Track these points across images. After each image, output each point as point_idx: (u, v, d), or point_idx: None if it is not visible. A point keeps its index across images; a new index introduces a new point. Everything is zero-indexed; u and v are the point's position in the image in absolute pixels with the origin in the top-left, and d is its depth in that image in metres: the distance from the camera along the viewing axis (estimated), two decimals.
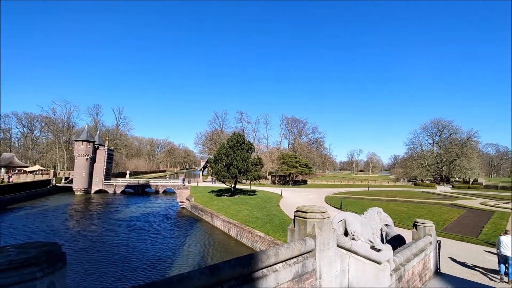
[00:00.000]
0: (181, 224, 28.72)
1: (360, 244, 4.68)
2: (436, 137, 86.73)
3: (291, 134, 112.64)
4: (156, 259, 18.56)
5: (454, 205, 33.73)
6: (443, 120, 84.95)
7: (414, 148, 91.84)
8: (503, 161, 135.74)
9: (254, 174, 36.45)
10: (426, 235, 8.39)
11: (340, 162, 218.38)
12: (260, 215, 25.22)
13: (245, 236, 21.57)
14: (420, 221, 8.62)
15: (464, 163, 75.42)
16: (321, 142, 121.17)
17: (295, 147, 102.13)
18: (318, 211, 3.72)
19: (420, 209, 29.78)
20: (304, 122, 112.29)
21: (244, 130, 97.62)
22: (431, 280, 7.82)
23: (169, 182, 58.75)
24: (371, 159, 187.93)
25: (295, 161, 64.38)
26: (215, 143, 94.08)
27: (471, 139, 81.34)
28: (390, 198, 40.96)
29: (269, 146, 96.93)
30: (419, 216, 24.85)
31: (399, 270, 5.99)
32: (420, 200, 39.20)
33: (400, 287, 5.97)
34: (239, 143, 37.52)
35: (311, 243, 3.48)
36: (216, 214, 27.50)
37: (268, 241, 18.65)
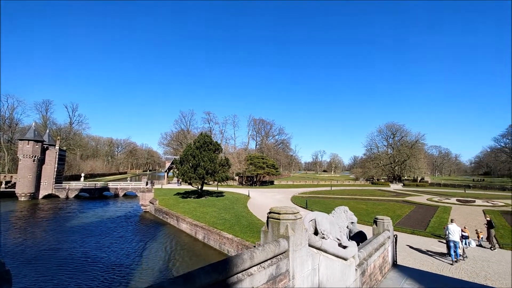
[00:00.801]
0: (144, 229, 27.19)
1: (329, 242, 4.83)
2: (390, 139, 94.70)
3: (258, 135, 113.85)
4: (117, 265, 17.31)
5: (405, 202, 37.06)
6: (395, 124, 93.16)
7: (372, 149, 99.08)
8: (444, 161, 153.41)
9: (221, 175, 36.03)
10: (385, 230, 9.02)
11: (305, 163, 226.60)
12: (228, 217, 24.96)
13: (213, 238, 21.15)
14: (379, 217, 9.24)
15: (413, 163, 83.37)
16: (288, 144, 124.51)
17: (262, 148, 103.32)
18: (291, 212, 3.74)
19: (377, 206, 32.13)
20: (271, 123, 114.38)
21: (211, 131, 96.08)
22: (390, 272, 8.42)
23: (130, 185, 55.26)
24: (333, 160, 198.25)
25: (262, 162, 65.18)
26: (181, 144, 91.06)
27: (419, 142, 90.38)
28: (351, 196, 43.56)
29: (236, 147, 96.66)
30: (377, 212, 26.77)
31: (363, 265, 6.33)
32: (377, 197, 42.33)
33: (363, 281, 6.32)
34: (207, 144, 36.79)
35: (284, 244, 3.49)
36: (182, 217, 26.56)
37: (237, 243, 18.52)
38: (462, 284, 8.40)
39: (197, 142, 37.18)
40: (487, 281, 11.17)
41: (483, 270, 12.48)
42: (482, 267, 12.94)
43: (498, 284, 10.92)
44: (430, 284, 7.54)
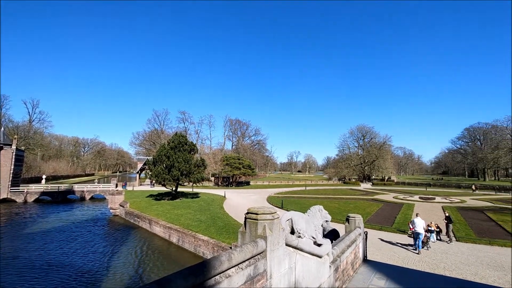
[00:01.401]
0: (114, 233, 25.80)
1: (305, 241, 4.95)
2: (361, 141, 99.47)
3: (234, 136, 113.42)
4: (84, 272, 16.25)
5: (374, 200, 39.12)
6: (366, 126, 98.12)
7: (344, 150, 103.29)
8: (408, 162, 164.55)
9: (197, 176, 35.33)
10: (356, 227, 9.44)
11: (281, 163, 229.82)
12: (204, 218, 24.55)
13: (188, 241, 20.66)
14: (351, 215, 9.65)
15: (381, 164, 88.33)
16: (264, 144, 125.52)
17: (238, 149, 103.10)
18: (268, 212, 3.77)
19: (349, 205, 33.54)
20: (248, 124, 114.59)
21: (186, 131, 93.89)
22: (361, 267, 8.82)
23: (98, 187, 52.12)
24: (308, 160, 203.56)
25: (238, 162, 65.05)
26: (154, 144, 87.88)
27: (386, 143, 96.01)
28: (324, 196, 45.01)
29: (212, 148, 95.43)
30: (348, 211, 27.95)
31: (336, 262, 6.57)
32: (348, 196, 44.18)
33: (337, 277, 6.55)
34: (181, 144, 35.87)
35: (262, 244, 3.51)
36: (155, 220, 25.62)
37: (212, 245, 18.26)
38: (424, 275, 9.05)
39: (171, 142, 36.09)
40: (446, 271, 12.15)
41: (442, 262, 13.57)
42: (441, 259, 14.05)
43: (455, 273, 11.92)
44: (397, 277, 8.02)
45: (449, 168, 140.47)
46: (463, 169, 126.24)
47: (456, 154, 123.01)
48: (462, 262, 13.52)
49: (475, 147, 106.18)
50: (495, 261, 13.61)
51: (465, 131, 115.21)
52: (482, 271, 12.30)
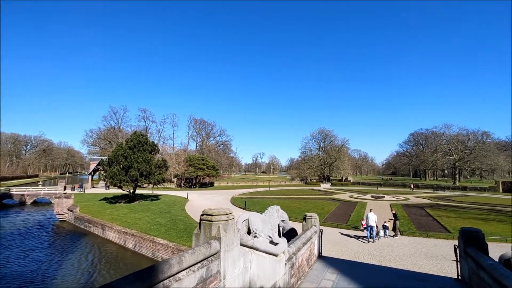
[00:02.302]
0: (60, 241, 23.41)
1: (261, 240, 5.09)
2: (321, 143, 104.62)
3: (199, 136, 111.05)
4: (27, 282, 14.47)
5: (332, 199, 41.48)
6: (326, 129, 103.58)
7: (306, 152, 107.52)
8: (363, 163, 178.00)
9: (158, 177, 33.79)
10: (312, 226, 9.94)
11: (246, 164, 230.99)
12: (164, 221, 23.58)
13: (145, 246, 19.64)
14: (308, 214, 10.13)
15: (339, 165, 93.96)
16: (229, 145, 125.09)
17: (202, 149, 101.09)
18: (223, 213, 3.82)
19: (309, 204, 35.05)
20: (213, 124, 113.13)
21: (147, 130, 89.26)
22: (315, 263, 9.31)
23: (42, 190, 46.71)
24: (272, 162, 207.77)
25: (203, 163, 63.79)
26: (110, 143, 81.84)
27: (344, 146, 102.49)
28: (287, 196, 46.37)
29: (175, 148, 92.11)
30: (308, 210, 29.20)
31: (292, 259, 6.85)
32: (309, 196, 46.15)
33: (292, 274, 6.84)
34: (141, 144, 34.02)
35: (216, 246, 3.54)
36: (109, 224, 23.86)
37: (172, 248, 17.64)
38: (371, 268, 9.88)
39: (130, 142, 34.00)
40: (391, 263, 13.42)
41: (388, 254, 14.95)
42: (387, 251, 15.47)
43: (398, 264, 13.23)
44: (347, 270, 8.64)
45: (397, 169, 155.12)
46: (408, 170, 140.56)
47: (402, 157, 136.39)
48: (405, 254, 15.05)
49: (418, 151, 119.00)
50: (431, 252, 15.42)
51: (410, 136, 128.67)
52: (420, 261, 13.84)
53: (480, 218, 25.04)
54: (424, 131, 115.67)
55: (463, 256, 7.95)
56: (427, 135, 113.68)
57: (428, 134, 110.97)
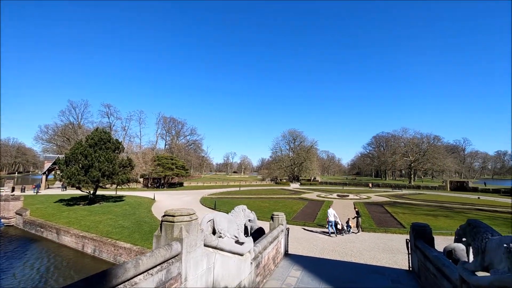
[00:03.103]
0: (7, 248, 21.01)
1: (226, 240, 5.08)
2: (292, 144, 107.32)
3: (168, 135, 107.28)
4: None
5: (301, 198, 42.73)
6: (296, 131, 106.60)
7: (276, 152, 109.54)
8: (331, 164, 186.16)
9: (122, 177, 31.94)
10: (279, 224, 10.17)
11: (217, 164, 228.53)
12: (127, 224, 22.38)
13: (106, 250, 18.47)
14: (275, 213, 10.34)
15: (308, 165, 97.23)
16: (199, 144, 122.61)
17: (172, 148, 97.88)
18: (186, 213, 3.74)
19: (278, 204, 35.70)
20: (183, 123, 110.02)
21: (111, 127, 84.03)
22: (281, 261, 9.53)
23: None
24: (243, 162, 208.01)
25: (172, 162, 61.78)
26: (68, 140, 75.66)
27: (313, 147, 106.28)
28: (257, 195, 46.76)
29: (142, 146, 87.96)
30: (277, 209, 29.74)
31: (258, 258, 6.94)
32: (279, 196, 47.02)
33: (258, 272, 6.93)
34: (104, 141, 31.92)
35: (177, 247, 3.45)
36: (65, 228, 22.03)
37: (136, 252, 16.82)
38: (334, 263, 10.38)
39: (90, 139, 31.68)
40: (352, 258, 14.20)
41: (350, 250, 15.81)
42: (350, 247, 16.36)
43: (359, 258, 14.05)
44: (311, 266, 8.98)
45: (361, 169, 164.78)
46: (371, 170, 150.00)
47: (366, 158, 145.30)
48: (365, 249, 16.04)
49: (379, 152, 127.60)
50: (388, 246, 16.63)
51: (373, 138, 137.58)
52: (378, 255, 14.85)
53: (430, 214, 27.56)
54: (385, 134, 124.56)
55: (414, 249, 8.71)
56: (387, 138, 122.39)
57: (388, 137, 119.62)
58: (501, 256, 3.89)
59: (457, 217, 25.67)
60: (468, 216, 26.07)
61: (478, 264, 4.45)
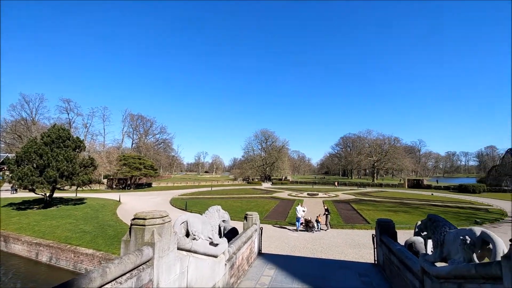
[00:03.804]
0: None
1: (200, 242, 4.91)
2: (264, 144, 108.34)
3: (136, 133, 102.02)
4: None
5: (272, 198, 43.32)
6: (268, 131, 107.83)
7: (248, 152, 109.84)
8: (301, 163, 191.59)
9: (83, 178, 29.61)
10: (253, 224, 10.15)
11: (188, 164, 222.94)
12: (90, 228, 20.82)
13: (65, 257, 16.98)
14: (249, 213, 10.30)
15: (280, 165, 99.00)
16: (169, 143, 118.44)
17: (140, 148, 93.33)
18: (159, 215, 3.53)
19: (251, 203, 35.80)
20: (152, 121, 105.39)
21: (71, 123, 77.71)
22: (255, 261, 9.52)
23: None
24: (215, 161, 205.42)
25: (139, 162, 58.87)
26: (20, 138, 68.40)
27: (285, 147, 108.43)
28: (229, 195, 46.44)
29: (106, 145, 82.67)
30: (250, 209, 29.80)
31: (232, 259, 6.84)
32: (251, 195, 47.17)
33: (232, 273, 6.83)
34: (62, 139, 29.37)
35: (148, 252, 3.24)
36: (15, 235, 19.82)
37: (99, 258, 15.69)
38: (305, 260, 10.64)
39: (46, 137, 28.91)
40: (322, 254, 14.70)
41: (320, 246, 16.36)
42: (319, 244, 16.92)
43: (328, 254, 14.58)
44: (284, 264, 9.09)
45: (330, 168, 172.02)
46: (338, 170, 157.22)
47: (334, 158, 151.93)
48: (334, 245, 16.71)
49: (346, 152, 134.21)
50: (355, 241, 17.50)
51: (340, 139, 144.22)
52: (346, 250, 15.56)
53: (392, 210, 29.61)
54: (351, 135, 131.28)
55: (379, 243, 9.24)
56: (353, 139, 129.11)
57: (355, 138, 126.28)
58: (457, 247, 4.25)
59: (415, 212, 27.91)
60: (424, 211, 28.49)
61: (438, 256, 4.83)
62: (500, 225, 22.44)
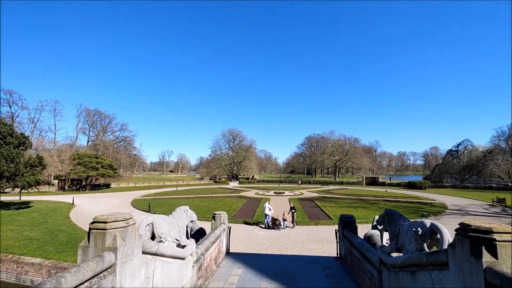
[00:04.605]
0: None
1: (167, 245, 4.70)
2: (231, 143, 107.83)
3: (92, 130, 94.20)
4: None
5: (240, 197, 43.35)
6: (236, 130, 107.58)
7: (216, 151, 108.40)
8: (268, 162, 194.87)
9: (29, 179, 26.53)
10: (221, 224, 10.04)
11: (151, 163, 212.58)
12: (37, 235, 18.73)
13: (5, 269, 15.04)
14: (217, 212, 10.17)
15: (247, 164, 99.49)
16: (131, 141, 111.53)
17: (97, 146, 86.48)
18: (122, 218, 3.29)
19: (218, 203, 35.39)
20: (112, 117, 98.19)
21: (14, 118, 68.89)
22: (223, 260, 9.43)
23: None
24: (181, 160, 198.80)
25: (96, 161, 54.50)
26: None
27: (252, 146, 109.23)
28: (196, 195, 45.36)
29: (58, 142, 75.09)
30: (217, 208, 29.45)
31: (200, 260, 6.68)
32: (218, 195, 46.64)
33: (200, 275, 6.67)
34: (3, 135, 25.94)
35: (110, 258, 3.00)
36: None
37: (48, 267, 14.20)
38: (272, 257, 10.83)
39: None
40: (288, 251, 15.11)
41: (286, 243, 16.80)
42: (286, 241, 17.37)
43: (294, 250, 15.04)
44: (252, 262, 9.15)
45: (295, 167, 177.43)
46: (303, 169, 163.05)
47: (299, 157, 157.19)
48: (299, 241, 17.29)
49: (311, 152, 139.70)
50: (319, 237, 18.31)
51: (305, 139, 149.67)
52: (310, 246, 16.19)
53: (351, 206, 31.59)
54: (316, 135, 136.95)
55: (341, 237, 9.78)
56: (317, 139, 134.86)
57: (319, 138, 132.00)
58: (410, 238, 4.68)
59: (372, 208, 30.13)
60: (379, 207, 30.90)
61: (393, 247, 5.26)
62: (442, 217, 25.28)
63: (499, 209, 30.14)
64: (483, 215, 26.12)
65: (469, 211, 28.71)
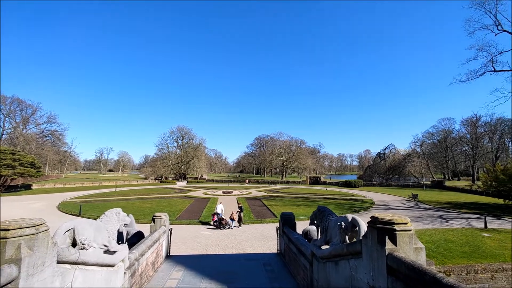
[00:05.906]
0: None
1: (91, 252, 4.27)
2: (180, 141, 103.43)
3: (9, 121, 79.36)
4: None
5: (187, 197, 41.90)
6: (185, 128, 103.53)
7: (163, 149, 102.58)
8: (218, 162, 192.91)
9: None
10: (161, 226, 9.55)
11: (86, 161, 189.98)
12: None
13: None
14: (157, 214, 9.65)
15: (196, 163, 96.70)
16: (60, 136, 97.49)
17: (15, 139, 73.30)
18: (30, 224, 2.86)
19: (162, 203, 33.55)
20: (36, 107, 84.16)
21: None
22: (162, 265, 8.98)
23: None
24: (122, 159, 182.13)
25: (13, 158, 46.14)
26: None
27: (202, 145, 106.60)
28: (138, 196, 42.16)
29: None
30: (161, 209, 27.90)
31: (133, 266, 6.24)
32: (163, 195, 44.23)
33: (133, 282, 6.23)
34: None
35: (11, 272, 2.58)
36: None
37: None
38: (215, 257, 10.77)
39: None
40: (233, 250, 15.20)
41: (231, 242, 16.89)
42: (231, 240, 17.45)
43: (239, 249, 15.21)
44: (193, 264, 8.94)
45: (245, 167, 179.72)
46: (253, 168, 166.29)
47: (249, 157, 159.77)
48: (244, 240, 17.56)
49: (260, 152, 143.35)
50: (263, 235, 18.89)
51: (255, 139, 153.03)
52: (254, 244, 16.60)
53: (295, 204, 33.47)
54: (265, 136, 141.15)
55: (282, 234, 10.28)
56: (267, 140, 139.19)
57: (268, 139, 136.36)
58: (336, 232, 5.20)
59: (313, 205, 32.43)
60: (320, 204, 33.46)
61: (323, 240, 5.77)
62: (370, 211, 28.69)
63: (413, 203, 35.69)
64: (400, 209, 30.57)
65: (391, 206, 33.26)
